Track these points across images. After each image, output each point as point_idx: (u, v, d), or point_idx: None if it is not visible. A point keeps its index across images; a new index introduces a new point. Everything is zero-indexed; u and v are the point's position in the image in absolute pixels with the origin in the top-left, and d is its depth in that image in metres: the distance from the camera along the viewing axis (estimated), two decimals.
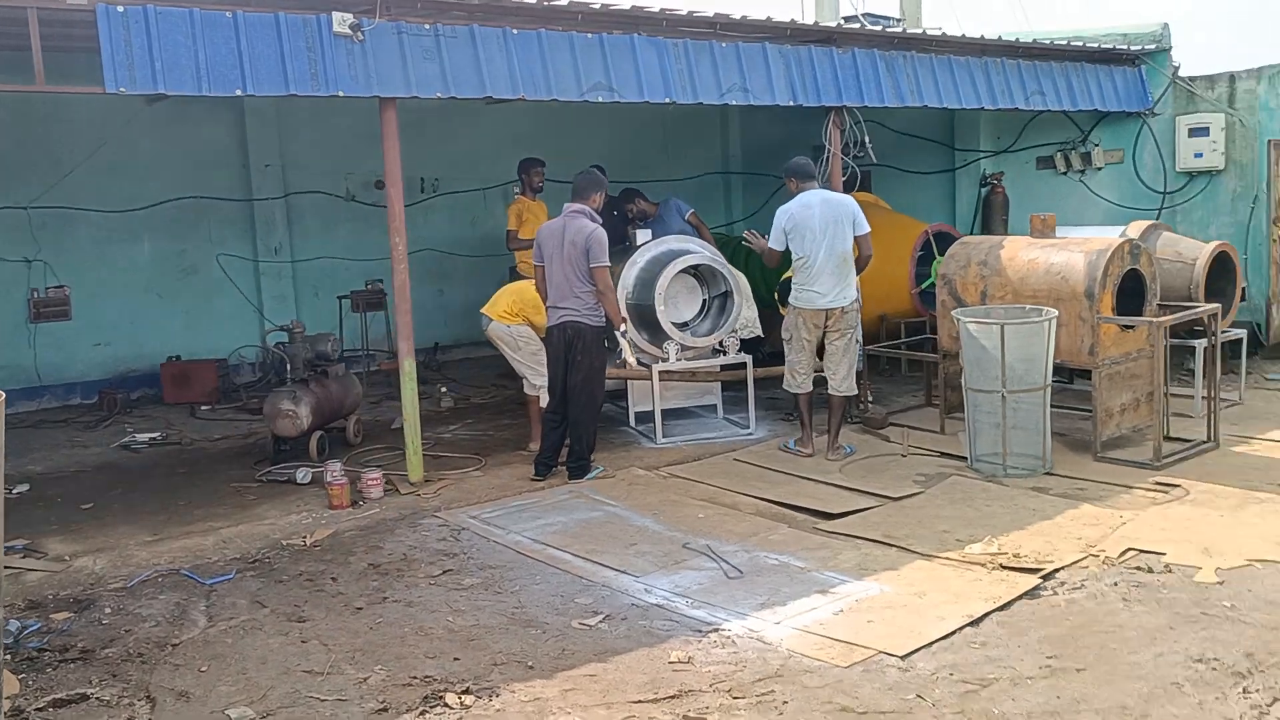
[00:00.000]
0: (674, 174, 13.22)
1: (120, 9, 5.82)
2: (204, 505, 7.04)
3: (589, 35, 7.36)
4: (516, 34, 7.06)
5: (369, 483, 6.95)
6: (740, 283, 8.49)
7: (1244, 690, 4.01)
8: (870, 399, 8.78)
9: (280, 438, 7.95)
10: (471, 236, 12.65)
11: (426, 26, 6.76)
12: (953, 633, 4.60)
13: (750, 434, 8.31)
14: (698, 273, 8.50)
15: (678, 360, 8.24)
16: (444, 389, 10.33)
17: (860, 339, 7.95)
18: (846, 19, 13.42)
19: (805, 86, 8.41)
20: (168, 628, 5.01)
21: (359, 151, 11.53)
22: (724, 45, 7.96)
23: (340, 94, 6.45)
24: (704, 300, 8.61)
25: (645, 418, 8.46)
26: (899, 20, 14.13)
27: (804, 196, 7.49)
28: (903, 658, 4.38)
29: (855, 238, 7.42)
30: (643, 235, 8.76)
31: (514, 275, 12.00)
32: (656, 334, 8.26)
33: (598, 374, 7.25)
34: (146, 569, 5.79)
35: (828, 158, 8.80)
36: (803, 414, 7.70)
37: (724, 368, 8.58)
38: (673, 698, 4.13)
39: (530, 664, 4.48)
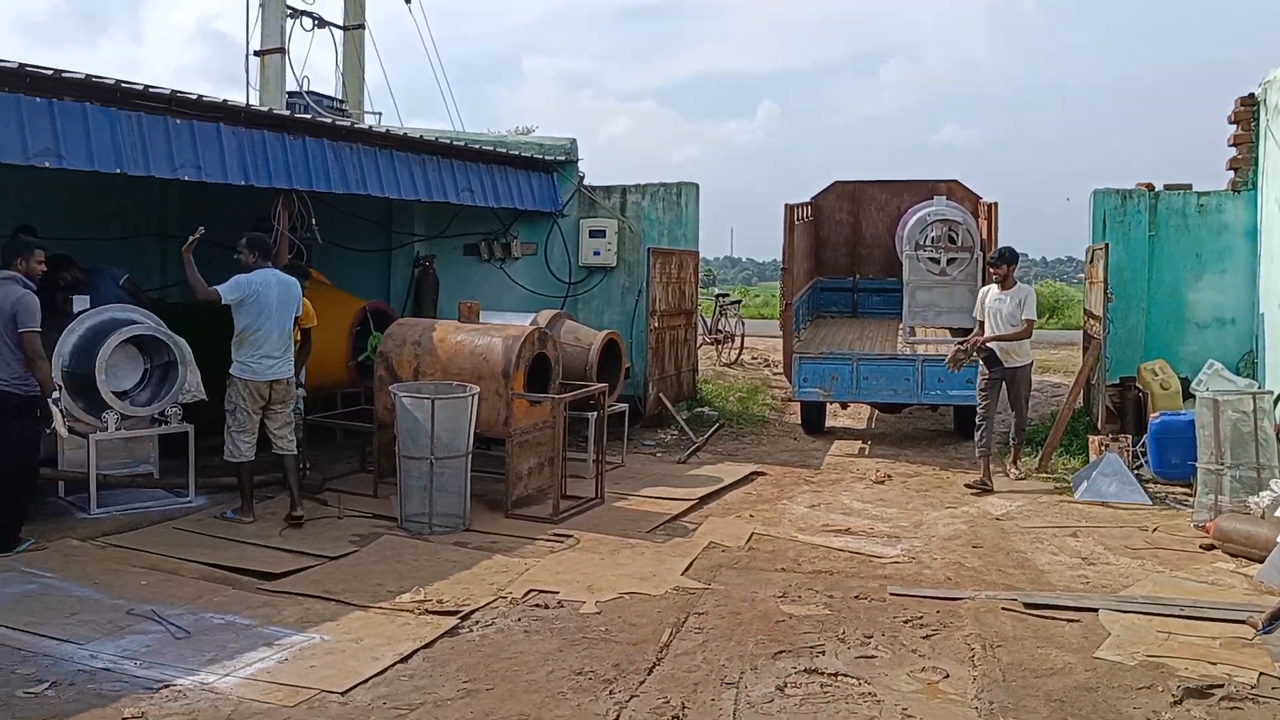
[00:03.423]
0: (109, 234, 12.80)
1: None
2: None
3: (38, 99, 7.27)
4: None
5: None
6: (185, 352, 8.65)
7: (611, 692, 5.16)
8: (308, 465, 9.31)
9: None
10: None
11: None
12: (385, 669, 5.33)
13: (190, 502, 8.49)
14: (140, 341, 8.55)
15: (118, 429, 8.23)
16: None
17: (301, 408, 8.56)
18: (292, 94, 14.02)
19: (258, 168, 8.85)
20: None
21: None
22: (179, 122, 8.19)
23: None
24: (145, 369, 8.66)
25: (74, 488, 8.33)
26: (342, 102, 14.98)
27: (264, 274, 7.97)
28: (343, 694, 5.02)
29: (296, 319, 8.18)
30: (80, 302, 8.63)
31: None
32: (95, 402, 8.18)
33: (28, 443, 7.09)
34: None
35: (276, 235, 9.28)
36: (244, 483, 8.04)
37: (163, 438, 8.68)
38: None
39: None
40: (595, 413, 9.53)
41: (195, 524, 7.94)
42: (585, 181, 13.35)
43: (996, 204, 11.99)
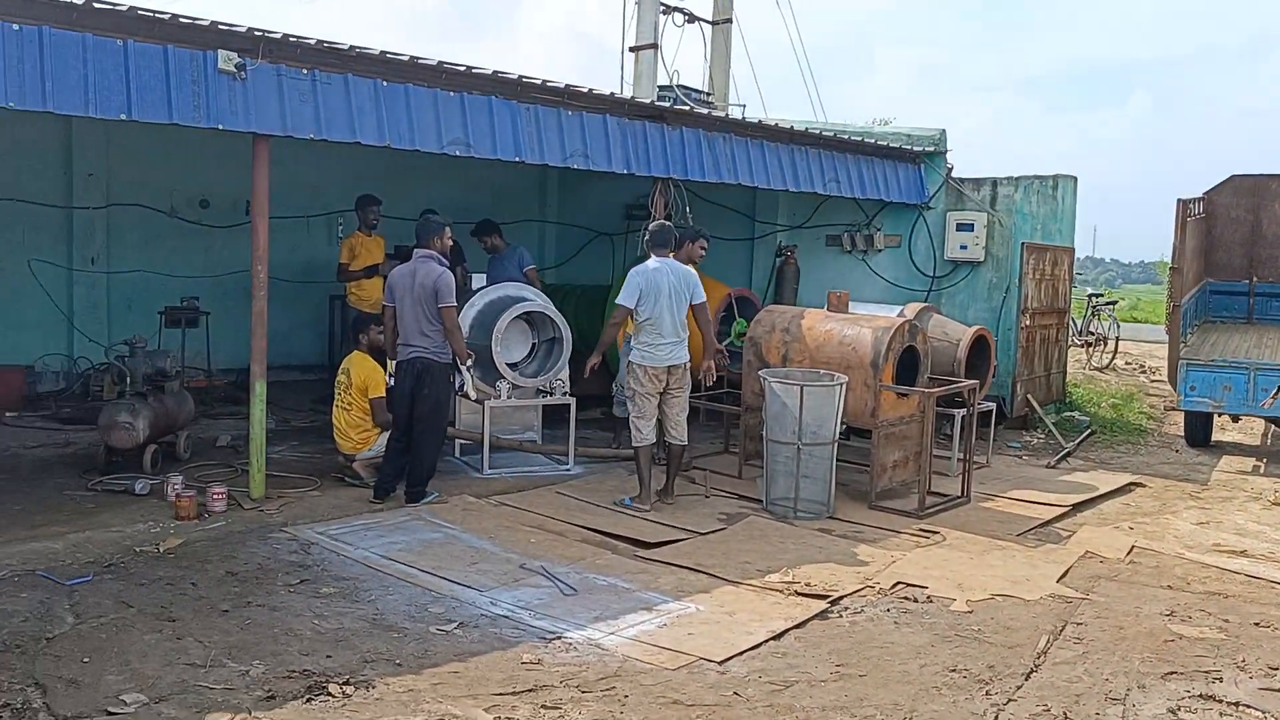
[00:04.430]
0: (496, 218, 13.85)
1: (16, 27, 6.05)
2: (40, 511, 7.18)
3: (451, 93, 7.98)
4: (386, 86, 7.61)
5: (214, 497, 7.27)
6: (567, 330, 9.21)
7: (987, 693, 5.01)
8: None
9: (113, 449, 8.10)
10: (292, 262, 12.83)
11: (304, 71, 7.21)
12: (760, 644, 5.45)
13: (569, 470, 9.05)
14: (529, 318, 9.20)
15: (509, 398, 8.90)
16: None
17: None
18: (662, 88, 14.54)
19: (638, 157, 9.27)
20: (37, 623, 5.25)
21: (185, 168, 11.74)
22: (570, 113, 8.74)
23: (220, 128, 6.83)
24: (533, 344, 9.31)
25: (468, 449, 9.12)
26: (708, 94, 15.37)
27: (657, 262, 7.96)
28: (720, 663, 5.18)
29: (692, 306, 8.01)
30: (478, 281, 9.40)
31: (332, 304, 12.40)
32: (488, 373, 8.88)
33: (443, 406, 7.82)
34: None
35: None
36: (643, 467, 7.97)
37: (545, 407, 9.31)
38: (529, 691, 4.78)
39: (398, 662, 5.02)
40: (962, 410, 9.25)
41: (574, 489, 8.45)
42: (953, 174, 12.95)
43: None
